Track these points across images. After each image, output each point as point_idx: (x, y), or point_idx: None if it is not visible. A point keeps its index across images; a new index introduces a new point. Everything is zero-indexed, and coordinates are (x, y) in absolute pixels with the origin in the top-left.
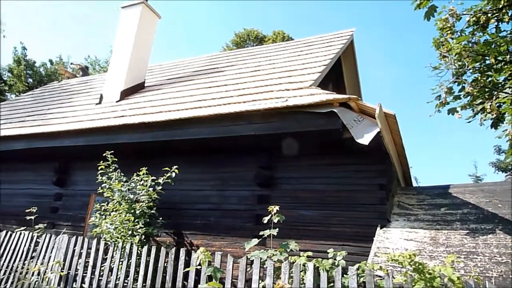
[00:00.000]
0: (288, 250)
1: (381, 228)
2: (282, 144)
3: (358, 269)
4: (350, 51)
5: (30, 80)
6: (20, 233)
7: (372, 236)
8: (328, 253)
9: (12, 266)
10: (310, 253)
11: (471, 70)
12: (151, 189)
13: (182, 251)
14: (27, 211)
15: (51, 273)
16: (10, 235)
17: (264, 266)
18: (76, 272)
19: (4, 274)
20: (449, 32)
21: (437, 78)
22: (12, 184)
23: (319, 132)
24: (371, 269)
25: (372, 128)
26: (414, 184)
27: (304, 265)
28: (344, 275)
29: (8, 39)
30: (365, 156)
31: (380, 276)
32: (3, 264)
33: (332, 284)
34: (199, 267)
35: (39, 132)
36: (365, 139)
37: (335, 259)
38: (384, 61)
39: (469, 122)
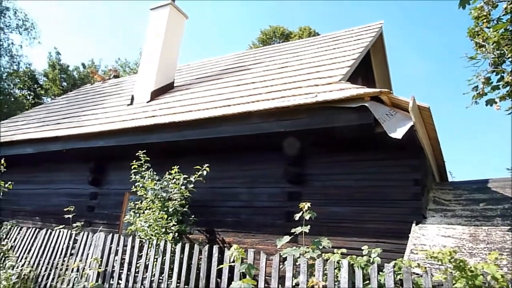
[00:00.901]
0: (321, 247)
1: (416, 224)
2: (311, 141)
3: (394, 266)
4: (379, 44)
5: (65, 83)
6: (59, 231)
7: (407, 232)
8: (362, 250)
9: (53, 263)
10: (344, 250)
11: (510, 59)
12: (183, 187)
13: (215, 249)
14: (65, 209)
15: (90, 269)
16: (50, 233)
17: (297, 264)
18: (113, 269)
19: (46, 270)
20: (485, 20)
21: (473, 69)
22: (50, 184)
23: (350, 128)
24: (408, 267)
25: (405, 122)
26: (449, 179)
27: (338, 262)
28: (380, 273)
29: (43, 44)
30: (398, 150)
31: (417, 274)
32: (44, 261)
33: (367, 281)
34: (232, 264)
35: (74, 134)
36: (398, 133)
37: (369, 256)
38: (413, 53)
39: (509, 113)
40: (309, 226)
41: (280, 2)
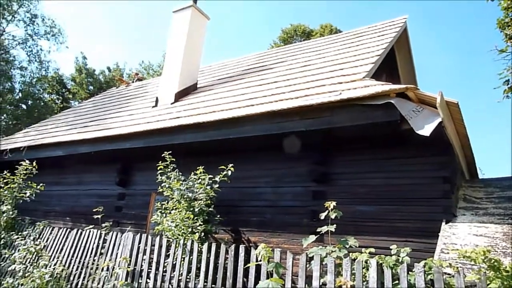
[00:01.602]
0: (347, 246)
1: (446, 223)
2: (336, 139)
3: (424, 266)
4: (403, 40)
5: (91, 87)
6: (90, 231)
7: (436, 231)
8: (390, 249)
9: (84, 262)
10: (372, 250)
11: None
12: (208, 187)
13: (242, 248)
14: (94, 210)
15: (119, 268)
16: (81, 233)
17: (323, 263)
18: (141, 268)
19: (77, 269)
20: None
21: (504, 62)
22: (79, 185)
23: (376, 125)
24: (439, 266)
25: (433, 118)
26: (480, 176)
27: (366, 262)
28: (410, 273)
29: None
30: (426, 147)
31: (448, 274)
32: (75, 260)
33: (396, 281)
34: (259, 263)
35: (101, 136)
36: (426, 130)
37: (398, 256)
38: (439, 48)
39: None
40: (335, 225)
41: (300, 1)
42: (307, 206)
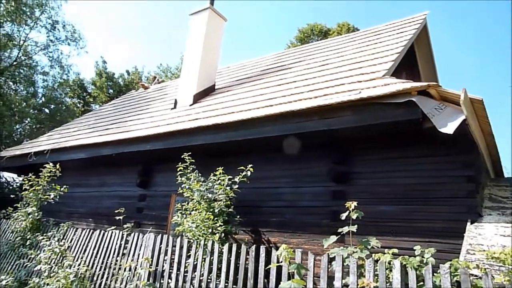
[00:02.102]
0: (369, 247)
1: (471, 223)
2: (356, 138)
3: (450, 267)
4: (423, 36)
5: (111, 90)
6: (112, 232)
7: (461, 232)
8: (413, 250)
9: (107, 262)
10: (395, 250)
11: None
12: (228, 188)
13: (262, 249)
14: (116, 211)
15: (141, 269)
16: (103, 234)
17: (345, 264)
18: (163, 268)
19: (100, 269)
20: None
21: None
22: (101, 186)
23: (397, 124)
24: (465, 268)
25: (456, 116)
26: (505, 174)
27: (389, 262)
28: (435, 274)
29: (90, 54)
30: (449, 146)
31: (475, 275)
32: (99, 260)
33: (421, 283)
34: (280, 264)
35: (122, 139)
36: (449, 128)
37: (422, 257)
38: (459, 44)
39: None
40: (356, 226)
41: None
42: (327, 206)
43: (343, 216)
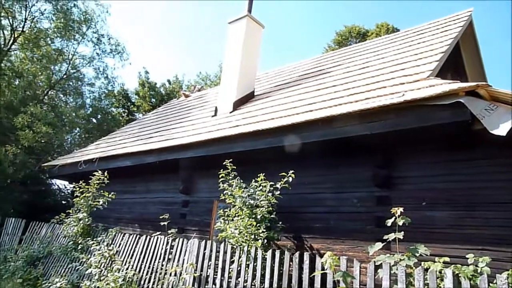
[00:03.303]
0: (417, 254)
1: None
2: (400, 142)
3: (508, 277)
4: (469, 35)
5: (153, 100)
6: (157, 238)
7: None
8: (464, 258)
9: (153, 267)
10: (447, 259)
11: None
12: (269, 194)
13: (306, 255)
14: (160, 217)
15: (186, 274)
16: (149, 240)
17: (392, 272)
18: (207, 274)
19: (147, 274)
20: None
21: None
22: (147, 193)
23: (444, 126)
24: None
25: (509, 117)
26: None
27: (440, 271)
28: (491, 284)
29: (133, 65)
30: (501, 148)
31: None
32: (145, 265)
33: None
34: (325, 271)
35: (166, 146)
36: (501, 130)
37: (476, 266)
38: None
39: None
40: (402, 232)
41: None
42: (371, 212)
43: (389, 222)
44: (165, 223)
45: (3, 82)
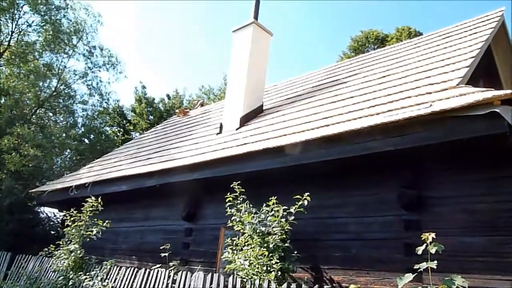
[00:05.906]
0: (454, 287)
1: None
2: (429, 158)
3: None
4: (501, 36)
5: (151, 117)
6: (158, 271)
7: None
8: None
9: None
10: None
11: None
12: (283, 220)
13: None
14: (160, 248)
15: None
16: (149, 273)
17: None
18: None
19: None
20: None
21: None
22: (145, 221)
23: (478, 139)
24: None
25: None
26: None
27: None
28: None
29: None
30: None
31: None
32: None
33: None
34: None
35: (166, 168)
36: None
37: None
38: None
39: None
40: (436, 261)
41: (367, 2)
42: (399, 238)
43: (420, 250)
44: (166, 254)
45: None
